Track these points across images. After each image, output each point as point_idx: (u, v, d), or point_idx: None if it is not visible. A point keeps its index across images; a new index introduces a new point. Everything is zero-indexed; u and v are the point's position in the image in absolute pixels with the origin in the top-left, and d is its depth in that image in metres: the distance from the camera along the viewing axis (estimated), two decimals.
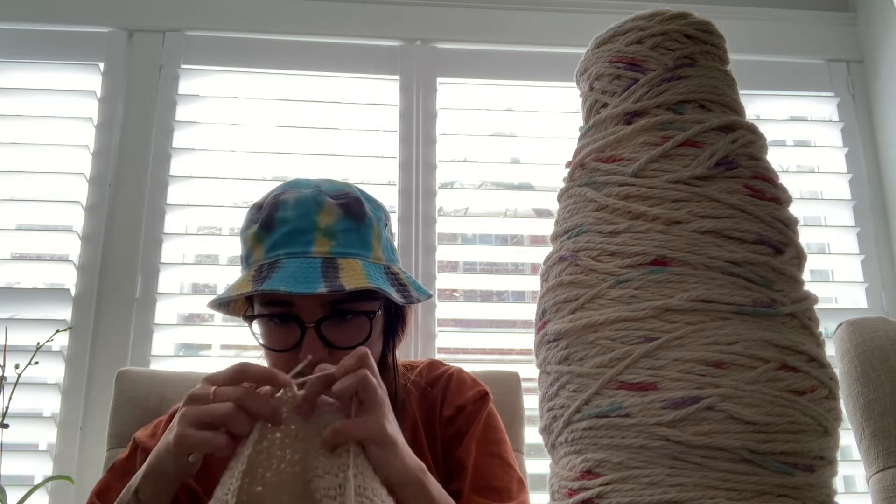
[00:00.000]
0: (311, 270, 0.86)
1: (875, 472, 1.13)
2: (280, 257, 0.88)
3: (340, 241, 0.90)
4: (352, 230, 0.91)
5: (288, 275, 0.85)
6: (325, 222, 0.89)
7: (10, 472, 1.34)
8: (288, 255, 0.88)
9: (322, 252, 0.88)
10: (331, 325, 0.89)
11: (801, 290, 0.62)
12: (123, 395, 1.23)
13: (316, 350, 0.87)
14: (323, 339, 0.88)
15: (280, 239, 0.89)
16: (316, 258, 0.88)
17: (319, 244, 0.89)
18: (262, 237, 0.90)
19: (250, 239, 0.92)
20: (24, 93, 1.72)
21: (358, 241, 0.91)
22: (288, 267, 0.86)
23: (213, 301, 0.95)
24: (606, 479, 0.56)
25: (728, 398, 0.54)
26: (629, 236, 0.61)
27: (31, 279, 1.64)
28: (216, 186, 1.70)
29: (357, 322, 0.90)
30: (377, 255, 0.93)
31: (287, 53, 1.78)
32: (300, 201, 0.90)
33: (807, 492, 0.55)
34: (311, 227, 0.89)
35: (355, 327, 0.90)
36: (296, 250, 0.88)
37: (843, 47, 1.92)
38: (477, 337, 1.70)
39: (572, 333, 0.62)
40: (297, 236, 0.89)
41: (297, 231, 0.89)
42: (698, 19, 0.69)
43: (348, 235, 0.90)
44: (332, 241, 0.89)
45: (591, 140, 0.69)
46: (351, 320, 0.90)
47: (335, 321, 0.89)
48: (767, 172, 0.65)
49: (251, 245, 0.92)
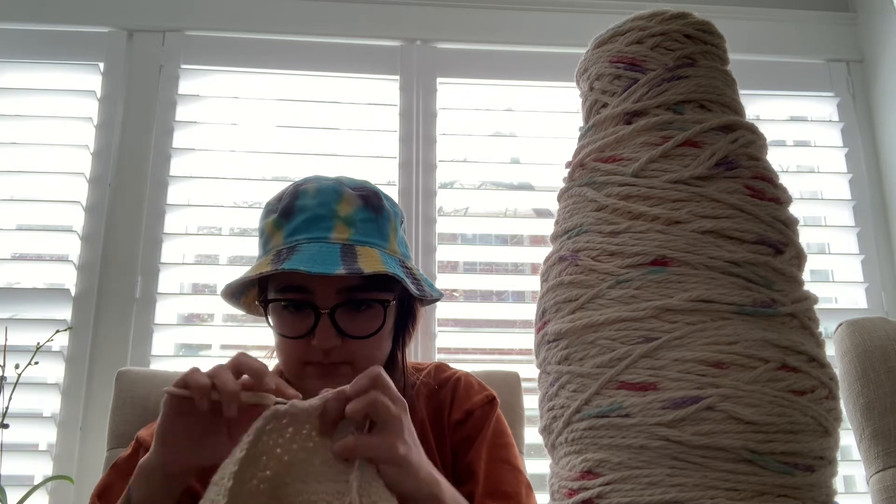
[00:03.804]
0: (331, 254, 0.87)
1: (875, 472, 1.13)
2: (299, 242, 0.89)
3: (359, 229, 0.91)
4: (370, 220, 0.92)
5: (307, 257, 0.86)
6: (345, 211, 0.91)
7: (10, 472, 1.34)
8: (308, 239, 0.89)
9: (341, 238, 0.89)
10: (345, 314, 0.89)
11: (801, 290, 0.62)
12: (123, 395, 1.23)
13: (329, 337, 0.88)
14: (336, 327, 0.88)
15: (300, 225, 0.90)
16: (335, 244, 0.89)
17: (339, 231, 0.90)
18: (281, 224, 0.91)
19: (269, 226, 0.93)
20: (24, 93, 1.72)
21: (376, 231, 0.92)
22: (307, 250, 0.87)
23: (227, 288, 0.95)
24: (606, 479, 0.56)
25: (728, 398, 0.54)
26: (629, 236, 0.61)
27: (31, 279, 1.64)
28: (216, 186, 1.70)
29: (371, 312, 0.91)
30: (393, 247, 0.94)
31: (287, 53, 1.78)
32: (321, 190, 0.92)
33: (807, 492, 0.55)
34: (331, 215, 0.90)
35: (369, 317, 0.91)
36: (315, 235, 0.89)
37: (843, 47, 1.92)
38: (477, 337, 1.69)
39: (572, 333, 0.62)
40: (317, 223, 0.90)
41: (317, 218, 0.90)
42: (698, 19, 0.69)
43: (367, 225, 0.92)
44: (351, 229, 0.90)
45: (591, 140, 0.69)
46: (365, 310, 0.90)
47: (349, 310, 0.89)
48: (767, 172, 0.65)
49: (270, 232, 0.93)
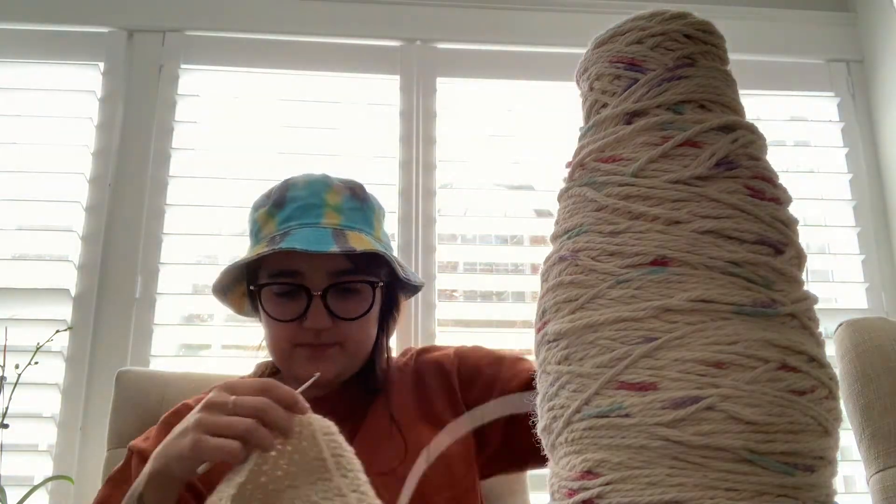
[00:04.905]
0: (323, 236, 0.92)
1: (875, 472, 1.13)
2: (292, 227, 0.94)
3: (348, 216, 0.97)
4: (357, 209, 0.99)
5: (301, 238, 0.91)
6: (334, 200, 0.97)
7: (10, 472, 1.34)
8: (300, 225, 0.94)
9: (332, 224, 0.95)
10: (335, 296, 0.94)
11: (801, 290, 0.62)
12: (123, 395, 1.23)
13: (321, 319, 0.93)
14: (328, 309, 0.93)
15: (292, 213, 0.96)
16: (326, 228, 0.94)
17: (329, 217, 0.96)
18: (273, 213, 0.97)
19: (262, 216, 0.98)
20: (24, 92, 1.72)
21: (363, 219, 0.99)
22: (301, 233, 0.93)
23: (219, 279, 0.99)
24: (606, 479, 0.56)
25: (728, 398, 0.54)
26: (629, 236, 0.61)
27: (31, 279, 1.64)
28: (216, 186, 1.70)
29: (360, 295, 0.96)
30: (378, 235, 1.01)
31: (287, 53, 1.78)
32: (310, 182, 0.99)
33: (807, 492, 0.55)
34: (321, 203, 0.96)
35: (358, 300, 0.96)
36: (307, 221, 0.95)
37: (843, 47, 1.92)
38: (477, 337, 1.69)
39: (572, 333, 0.62)
40: (309, 210, 0.96)
41: (308, 206, 0.96)
42: (698, 19, 0.69)
43: (354, 213, 0.98)
44: (341, 216, 0.97)
45: (591, 140, 0.69)
46: (354, 293, 0.96)
47: (340, 292, 0.95)
48: (767, 172, 0.65)
49: (262, 222, 0.98)
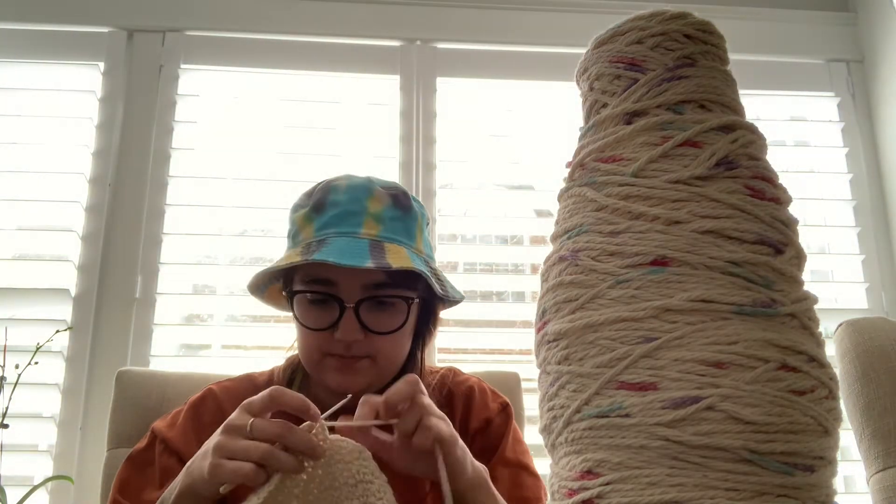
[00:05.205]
0: (360, 248, 0.89)
1: (875, 472, 1.13)
2: (329, 235, 0.91)
3: (388, 227, 0.93)
4: (398, 219, 0.94)
5: (336, 249, 0.88)
6: (375, 208, 0.93)
7: (10, 472, 1.34)
8: (337, 233, 0.91)
9: (370, 234, 0.91)
10: (369, 309, 0.91)
11: (801, 290, 0.62)
12: (123, 395, 1.23)
13: (352, 331, 0.89)
14: (360, 322, 0.90)
15: (330, 219, 0.92)
16: (364, 239, 0.90)
17: (368, 227, 0.92)
18: (312, 217, 0.93)
19: (300, 219, 0.94)
20: (24, 92, 1.72)
21: (403, 230, 0.94)
22: (336, 243, 0.89)
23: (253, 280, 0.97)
24: (606, 479, 0.56)
25: (728, 398, 0.54)
26: (629, 236, 0.61)
27: (31, 279, 1.64)
28: (216, 186, 1.70)
29: (394, 309, 0.92)
30: (419, 247, 0.96)
31: (287, 53, 1.78)
32: (352, 186, 0.94)
33: (807, 492, 0.55)
34: (361, 211, 0.92)
35: (392, 314, 0.92)
36: (345, 230, 0.91)
37: (843, 47, 1.92)
38: (477, 337, 1.69)
39: (572, 333, 0.62)
40: (347, 218, 0.92)
41: (348, 213, 0.92)
42: (698, 19, 0.69)
43: (395, 223, 0.94)
44: (380, 226, 0.92)
45: (591, 140, 0.69)
46: (389, 307, 0.92)
47: (373, 305, 0.91)
48: (767, 172, 0.65)
49: (300, 225, 0.94)
